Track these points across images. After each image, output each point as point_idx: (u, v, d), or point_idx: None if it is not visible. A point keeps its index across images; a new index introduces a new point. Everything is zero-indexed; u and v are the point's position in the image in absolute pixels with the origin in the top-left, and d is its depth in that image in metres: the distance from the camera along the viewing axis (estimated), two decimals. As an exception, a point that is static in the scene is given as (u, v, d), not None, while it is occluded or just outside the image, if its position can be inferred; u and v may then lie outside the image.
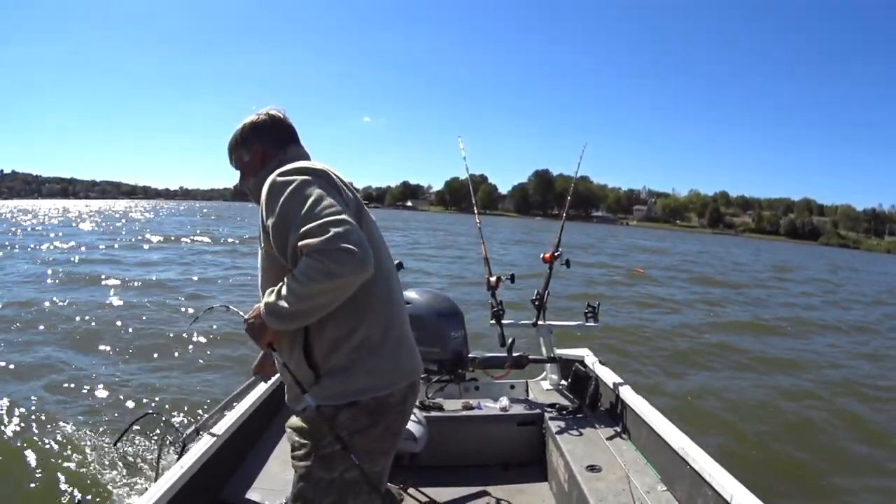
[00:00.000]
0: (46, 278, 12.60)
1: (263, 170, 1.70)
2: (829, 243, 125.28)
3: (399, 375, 1.60)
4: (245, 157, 1.77)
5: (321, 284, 1.38)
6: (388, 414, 1.58)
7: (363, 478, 1.52)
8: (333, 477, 1.53)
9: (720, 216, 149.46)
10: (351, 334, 1.54)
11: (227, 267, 16.50)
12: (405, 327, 1.69)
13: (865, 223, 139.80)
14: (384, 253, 1.70)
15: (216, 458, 2.46)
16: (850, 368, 8.85)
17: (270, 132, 1.76)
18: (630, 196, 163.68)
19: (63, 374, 6.16)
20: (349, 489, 1.54)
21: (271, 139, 1.75)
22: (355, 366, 1.53)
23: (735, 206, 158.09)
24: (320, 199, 1.46)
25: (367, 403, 1.54)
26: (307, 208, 1.44)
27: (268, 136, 1.76)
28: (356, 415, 1.53)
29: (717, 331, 10.79)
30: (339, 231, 1.39)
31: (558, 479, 2.91)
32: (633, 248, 40.62)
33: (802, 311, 14.93)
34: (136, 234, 29.01)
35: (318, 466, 1.53)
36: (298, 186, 1.50)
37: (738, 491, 1.99)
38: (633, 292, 15.19)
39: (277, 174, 1.55)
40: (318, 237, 1.38)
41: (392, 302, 1.64)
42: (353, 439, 1.51)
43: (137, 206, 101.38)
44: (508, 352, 3.49)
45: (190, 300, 10.65)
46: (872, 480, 4.88)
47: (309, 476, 1.54)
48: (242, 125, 1.78)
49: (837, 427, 6.05)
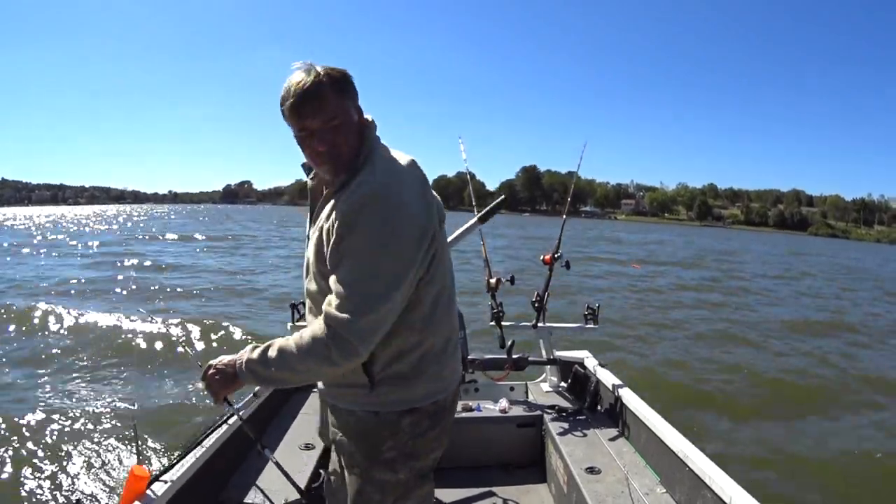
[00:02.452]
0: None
1: (361, 147, 1.43)
2: (817, 233, 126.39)
3: (453, 380, 1.63)
4: (354, 116, 1.42)
5: (320, 366, 1.37)
6: (444, 415, 1.59)
7: (424, 473, 1.57)
8: (399, 478, 1.54)
9: (709, 209, 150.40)
10: (418, 345, 1.51)
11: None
12: (456, 329, 1.68)
13: (855, 213, 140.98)
14: (448, 263, 1.61)
15: (216, 458, 2.46)
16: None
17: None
18: (618, 190, 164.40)
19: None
20: (411, 485, 1.57)
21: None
22: (417, 374, 1.51)
23: (724, 198, 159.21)
24: (393, 264, 1.34)
25: (427, 408, 1.54)
26: (371, 265, 1.33)
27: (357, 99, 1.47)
28: (418, 420, 1.53)
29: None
30: (370, 319, 1.32)
31: (557, 481, 2.92)
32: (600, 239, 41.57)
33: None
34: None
35: (381, 470, 1.53)
36: (388, 234, 1.33)
37: (737, 493, 2.00)
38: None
39: (382, 198, 1.34)
40: (347, 315, 1.31)
41: (452, 312, 1.62)
42: (415, 442, 1.53)
43: (133, 210, 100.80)
44: (508, 353, 3.49)
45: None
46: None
47: (372, 479, 1.54)
48: (330, 68, 1.38)
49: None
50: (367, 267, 1.33)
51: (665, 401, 3.93)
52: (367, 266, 1.33)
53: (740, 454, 5.09)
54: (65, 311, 9.16)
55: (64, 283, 13.24)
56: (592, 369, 3.57)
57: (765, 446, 5.44)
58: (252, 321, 9.35)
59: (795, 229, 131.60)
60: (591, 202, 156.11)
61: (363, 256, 1.33)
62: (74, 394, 5.78)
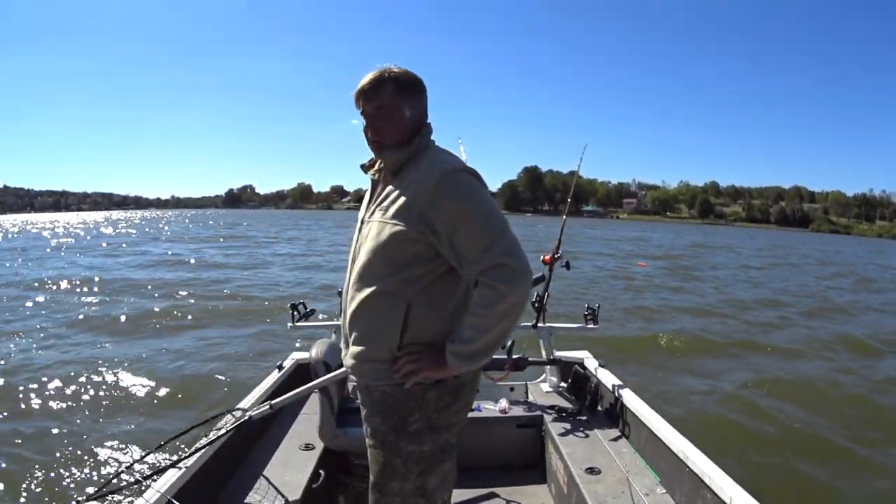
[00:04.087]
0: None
1: (417, 139, 1.62)
2: (819, 229, 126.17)
3: None
4: (407, 112, 1.60)
5: (521, 306, 1.51)
6: (465, 390, 1.67)
7: (446, 447, 1.66)
8: (423, 450, 1.62)
9: (710, 207, 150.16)
10: (447, 324, 1.60)
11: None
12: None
13: (856, 208, 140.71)
14: None
15: (216, 458, 2.46)
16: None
17: (426, 98, 1.66)
18: (620, 189, 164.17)
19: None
20: (435, 458, 1.64)
21: (426, 106, 1.66)
22: (441, 349, 1.57)
23: (725, 195, 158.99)
24: (505, 222, 1.54)
25: (450, 382, 1.61)
26: (502, 223, 1.52)
27: (425, 102, 1.66)
28: (441, 393, 1.61)
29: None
30: (524, 257, 1.51)
31: (557, 482, 2.92)
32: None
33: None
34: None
35: (407, 441, 1.61)
36: (487, 192, 1.57)
37: (737, 493, 2.00)
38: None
39: (469, 170, 1.57)
40: (518, 258, 1.48)
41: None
42: (439, 415, 1.62)
43: (148, 215, 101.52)
44: (508, 354, 3.47)
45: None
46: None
47: (398, 450, 1.62)
48: (409, 72, 1.62)
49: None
50: (489, 214, 1.52)
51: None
52: (489, 214, 1.52)
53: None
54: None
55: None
56: (593, 370, 3.57)
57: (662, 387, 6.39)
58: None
59: (797, 226, 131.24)
60: (593, 202, 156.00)
61: (494, 217, 1.52)
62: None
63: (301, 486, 2.48)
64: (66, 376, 6.28)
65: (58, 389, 5.92)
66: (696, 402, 6.21)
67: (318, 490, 2.59)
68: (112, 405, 5.59)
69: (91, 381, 6.13)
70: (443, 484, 1.68)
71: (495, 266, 1.45)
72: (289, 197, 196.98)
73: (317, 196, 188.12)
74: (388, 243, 1.56)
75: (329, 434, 2.83)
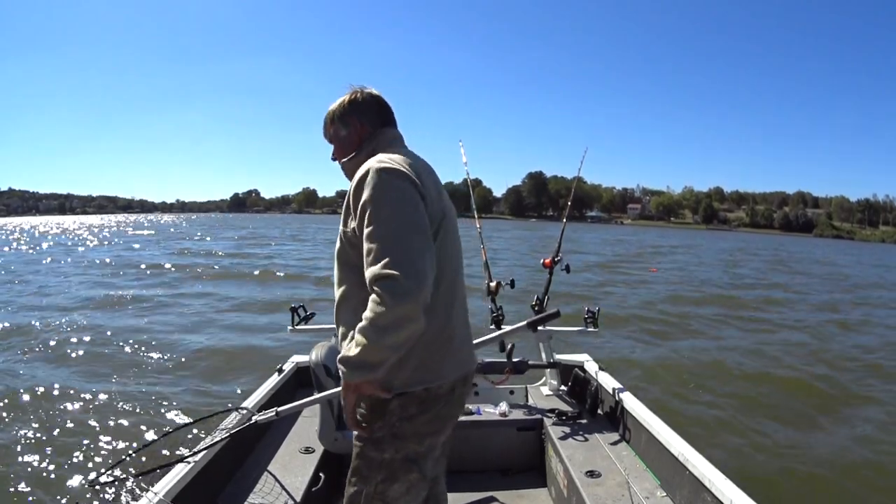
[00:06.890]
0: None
1: (360, 149, 1.76)
2: (822, 234, 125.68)
3: (449, 370, 1.66)
4: (342, 132, 1.80)
5: (401, 325, 1.42)
6: (437, 403, 1.65)
7: (415, 457, 1.64)
8: (384, 457, 1.63)
9: (714, 212, 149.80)
10: None
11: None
12: (461, 323, 1.74)
13: (860, 213, 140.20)
14: (454, 259, 1.73)
15: (216, 461, 2.46)
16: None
17: (370, 109, 1.80)
18: (624, 195, 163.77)
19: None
20: (399, 468, 1.64)
21: (369, 117, 1.79)
22: (407, 360, 1.56)
23: (730, 201, 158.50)
24: (408, 218, 1.50)
25: (418, 393, 1.61)
26: (401, 229, 1.47)
27: (366, 114, 1.79)
28: (406, 404, 1.60)
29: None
30: (417, 266, 1.43)
31: (557, 485, 2.91)
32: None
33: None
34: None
35: (369, 447, 1.64)
36: (397, 189, 1.53)
37: (737, 496, 1.99)
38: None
39: (380, 168, 1.55)
40: (408, 273, 1.41)
41: (454, 304, 1.69)
42: (402, 425, 1.61)
43: (164, 219, 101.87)
44: (508, 357, 3.49)
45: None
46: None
47: (363, 454, 1.65)
48: (341, 100, 1.81)
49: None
50: (387, 219, 1.49)
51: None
52: (387, 218, 1.49)
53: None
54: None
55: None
56: (593, 373, 3.57)
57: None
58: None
59: (801, 231, 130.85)
60: (597, 207, 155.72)
61: (380, 212, 1.50)
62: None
63: (301, 490, 2.48)
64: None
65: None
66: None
67: (318, 493, 2.59)
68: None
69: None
70: (408, 493, 1.66)
71: (383, 277, 1.41)
72: (294, 202, 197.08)
73: (322, 201, 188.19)
74: (340, 247, 1.65)
75: (329, 438, 2.84)
